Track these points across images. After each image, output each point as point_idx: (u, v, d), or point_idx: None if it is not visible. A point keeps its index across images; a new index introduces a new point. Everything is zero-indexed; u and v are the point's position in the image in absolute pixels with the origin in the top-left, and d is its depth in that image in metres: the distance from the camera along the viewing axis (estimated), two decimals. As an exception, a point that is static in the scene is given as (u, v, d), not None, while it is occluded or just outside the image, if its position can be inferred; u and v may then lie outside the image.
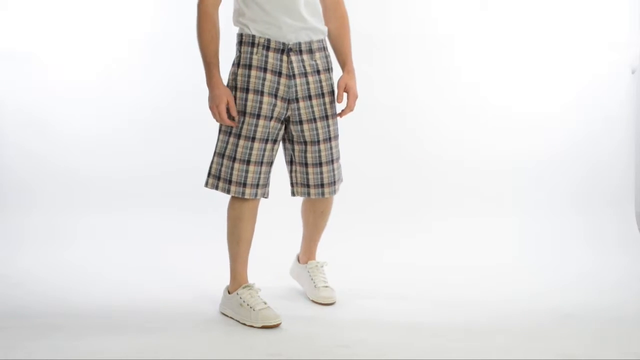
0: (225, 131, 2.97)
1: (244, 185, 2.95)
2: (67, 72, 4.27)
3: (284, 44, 2.93)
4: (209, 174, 3.02)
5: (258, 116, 2.93)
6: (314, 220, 3.28)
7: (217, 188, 2.99)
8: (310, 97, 3.00)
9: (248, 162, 2.94)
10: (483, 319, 3.05)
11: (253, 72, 2.94)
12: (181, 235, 4.09)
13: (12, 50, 4.23)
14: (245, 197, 2.96)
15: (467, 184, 4.34)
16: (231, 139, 2.95)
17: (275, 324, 2.93)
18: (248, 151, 2.93)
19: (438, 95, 4.34)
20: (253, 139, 2.93)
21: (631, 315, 3.14)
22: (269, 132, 2.96)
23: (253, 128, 2.93)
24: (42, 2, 4.23)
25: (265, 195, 3.03)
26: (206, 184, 3.03)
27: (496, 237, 4.10)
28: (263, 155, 2.96)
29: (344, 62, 3.11)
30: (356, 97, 3.09)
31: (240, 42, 2.98)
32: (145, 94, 4.30)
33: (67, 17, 4.25)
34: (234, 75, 2.98)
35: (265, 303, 2.98)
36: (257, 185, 2.98)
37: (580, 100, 4.36)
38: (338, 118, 3.11)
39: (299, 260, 3.41)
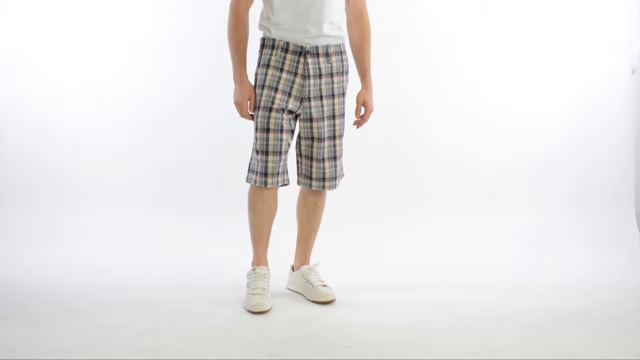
0: (254, 128, 3.14)
1: (265, 174, 3.11)
2: (66, 72, 4.27)
3: (302, 47, 3.10)
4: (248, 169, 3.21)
5: (270, 109, 3.09)
6: (307, 216, 3.34)
7: (248, 180, 3.18)
8: (321, 97, 3.16)
9: (266, 153, 3.09)
10: (483, 319, 3.05)
11: (270, 71, 3.11)
12: (181, 235, 4.09)
13: (12, 51, 4.23)
14: (268, 186, 3.13)
15: (467, 184, 4.34)
16: (256, 134, 3.13)
17: (259, 310, 3.07)
18: (265, 142, 3.08)
19: (438, 95, 4.34)
20: (267, 130, 3.08)
21: (631, 315, 3.14)
22: (282, 123, 3.10)
23: (266, 120, 3.08)
24: (40, 3, 4.23)
25: (285, 182, 3.19)
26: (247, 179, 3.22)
27: (496, 237, 4.10)
28: (280, 145, 3.10)
29: (363, 76, 3.26)
30: (372, 111, 3.27)
31: (262, 45, 3.16)
32: (144, 94, 4.30)
33: (65, 18, 4.25)
34: (255, 76, 3.16)
35: (264, 288, 3.15)
36: (275, 174, 3.13)
37: (580, 100, 4.36)
38: (355, 127, 3.28)
39: (292, 270, 3.44)
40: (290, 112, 3.14)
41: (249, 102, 3.13)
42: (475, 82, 4.34)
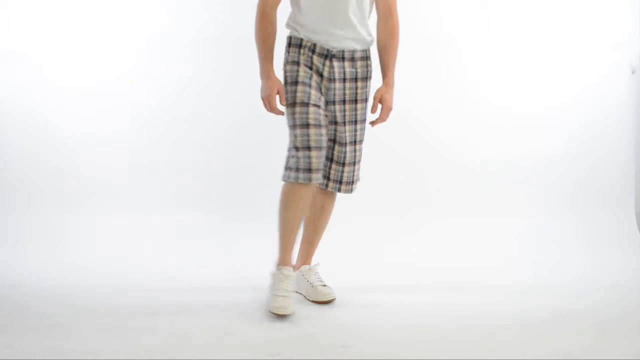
0: (289, 125, 3.11)
1: (309, 170, 3.04)
2: (67, 72, 4.27)
3: (328, 50, 3.11)
4: (285, 167, 3.12)
5: (307, 104, 3.07)
6: (313, 217, 3.33)
7: (287, 178, 3.09)
8: (344, 102, 3.17)
9: (309, 149, 3.04)
10: (483, 319, 3.05)
11: (301, 68, 3.11)
12: (181, 235, 4.09)
13: (12, 51, 4.23)
14: (312, 182, 3.05)
15: (467, 184, 4.34)
16: (295, 131, 3.08)
17: (284, 313, 3.00)
18: (307, 137, 3.04)
19: (437, 95, 4.34)
20: (307, 125, 3.05)
21: (631, 315, 3.14)
22: (320, 118, 3.09)
23: (305, 115, 3.06)
24: (41, 3, 4.23)
25: (319, 180, 3.12)
26: (281, 177, 3.14)
27: (496, 237, 4.10)
28: (322, 140, 3.06)
29: (385, 74, 3.24)
30: (390, 110, 3.24)
31: (289, 44, 3.16)
32: (145, 95, 4.30)
33: (66, 18, 4.25)
34: (284, 73, 3.15)
35: (286, 290, 3.07)
36: (319, 169, 3.07)
37: (580, 100, 4.36)
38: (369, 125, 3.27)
39: (293, 270, 3.40)
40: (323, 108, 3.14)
41: (277, 96, 3.11)
42: (475, 82, 4.34)
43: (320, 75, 3.12)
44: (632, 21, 4.34)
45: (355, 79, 3.17)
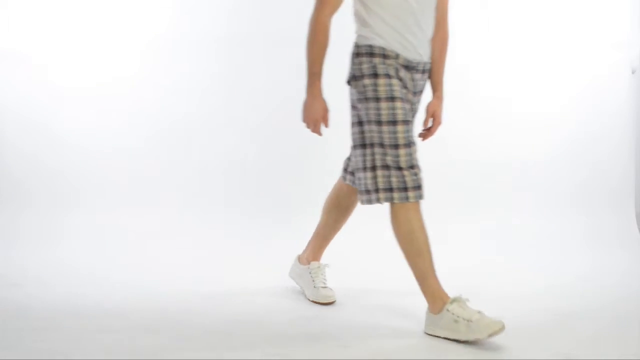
0: (379, 144, 2.84)
1: (419, 187, 2.85)
2: (67, 73, 4.27)
3: (409, 61, 2.89)
4: (376, 189, 2.86)
5: (408, 122, 2.86)
6: (336, 217, 3.27)
7: (392, 200, 2.85)
8: (414, 116, 3.03)
9: (413, 166, 2.84)
10: (477, 310, 3.04)
11: (394, 81, 2.85)
12: (181, 235, 4.09)
13: (13, 50, 4.23)
14: (422, 199, 2.86)
15: (467, 183, 4.34)
16: (389, 150, 2.83)
17: (500, 328, 2.71)
18: (410, 157, 2.83)
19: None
20: (409, 145, 2.84)
21: (631, 315, 3.14)
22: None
23: (407, 134, 2.84)
24: (41, 3, 4.23)
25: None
26: (375, 200, 2.89)
27: (496, 237, 4.10)
28: (414, 157, 2.86)
29: (437, 86, 3.09)
30: (440, 124, 3.13)
31: (370, 54, 2.87)
32: (144, 95, 4.30)
33: (67, 18, 4.25)
34: (367, 87, 2.86)
35: (479, 312, 2.79)
36: (422, 185, 2.88)
37: (580, 100, 4.36)
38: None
39: (300, 261, 3.41)
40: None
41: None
42: (475, 82, 4.34)
43: (405, 87, 2.90)
44: (632, 21, 4.35)
45: (420, 92, 3.03)
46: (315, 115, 2.91)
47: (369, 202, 2.90)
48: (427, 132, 3.14)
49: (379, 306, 3.20)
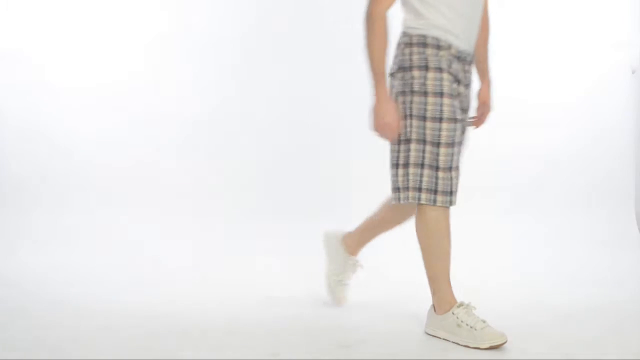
0: (419, 140, 2.72)
1: (451, 193, 2.73)
2: (67, 73, 4.28)
3: (461, 51, 2.76)
4: (406, 187, 2.74)
5: (456, 120, 2.73)
6: (392, 218, 3.10)
7: (419, 200, 2.73)
8: (467, 110, 2.92)
9: (450, 169, 2.73)
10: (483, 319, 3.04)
11: (445, 76, 2.71)
12: (181, 235, 4.09)
13: (13, 51, 4.23)
14: (452, 205, 2.75)
15: (467, 183, 4.32)
16: (429, 148, 2.71)
17: (502, 342, 2.67)
18: (450, 157, 2.72)
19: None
20: (453, 144, 2.73)
21: (631, 315, 3.14)
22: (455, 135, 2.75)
23: (453, 133, 2.72)
24: (40, 3, 4.23)
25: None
26: (404, 199, 2.76)
27: (496, 237, 4.10)
28: (455, 160, 2.76)
29: (484, 73, 3.01)
30: (491, 111, 3.06)
31: (423, 44, 2.71)
32: (144, 95, 4.31)
33: (67, 17, 4.26)
34: (408, 80, 2.72)
35: (484, 321, 2.73)
36: (456, 191, 2.77)
37: (580, 101, 4.36)
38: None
39: (345, 243, 3.21)
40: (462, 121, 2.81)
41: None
42: (474, 82, 4.33)
43: (457, 80, 2.75)
44: (632, 21, 4.35)
45: (470, 85, 2.88)
46: (387, 119, 2.70)
47: (398, 200, 2.78)
48: (478, 120, 3.05)
49: (379, 306, 3.20)
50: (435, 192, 2.71)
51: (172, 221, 4.19)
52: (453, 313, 2.77)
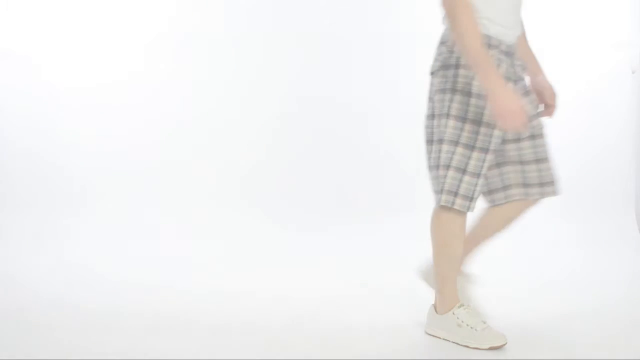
0: (452, 141, 2.61)
1: (471, 199, 2.64)
2: (68, 73, 4.27)
3: (509, 46, 2.65)
4: (443, 190, 2.64)
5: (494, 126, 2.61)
6: (497, 228, 2.96)
7: (453, 204, 2.64)
8: None
9: (478, 175, 2.63)
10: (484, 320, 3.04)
11: None
12: (181, 235, 4.09)
13: (13, 50, 4.23)
14: (470, 211, 2.66)
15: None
16: (461, 150, 2.60)
17: (502, 344, 2.66)
18: (481, 164, 2.62)
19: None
20: (487, 151, 2.62)
21: (631, 315, 3.14)
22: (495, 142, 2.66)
23: (489, 139, 2.61)
24: (40, 3, 4.23)
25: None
26: (437, 202, 2.68)
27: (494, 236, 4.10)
28: (485, 167, 2.66)
29: (532, 59, 2.89)
30: (556, 95, 2.93)
31: None
32: (144, 95, 4.31)
33: (67, 17, 4.25)
34: (467, 79, 2.59)
35: (485, 322, 2.73)
36: (477, 198, 2.68)
37: (580, 100, 4.36)
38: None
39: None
40: None
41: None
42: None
43: (507, 77, 2.61)
44: (632, 21, 4.35)
45: (520, 80, 2.74)
46: (512, 105, 2.49)
47: (438, 203, 2.68)
48: (548, 109, 2.92)
49: (379, 306, 3.20)
50: (456, 194, 2.62)
51: (173, 221, 4.19)
52: (454, 313, 2.77)
